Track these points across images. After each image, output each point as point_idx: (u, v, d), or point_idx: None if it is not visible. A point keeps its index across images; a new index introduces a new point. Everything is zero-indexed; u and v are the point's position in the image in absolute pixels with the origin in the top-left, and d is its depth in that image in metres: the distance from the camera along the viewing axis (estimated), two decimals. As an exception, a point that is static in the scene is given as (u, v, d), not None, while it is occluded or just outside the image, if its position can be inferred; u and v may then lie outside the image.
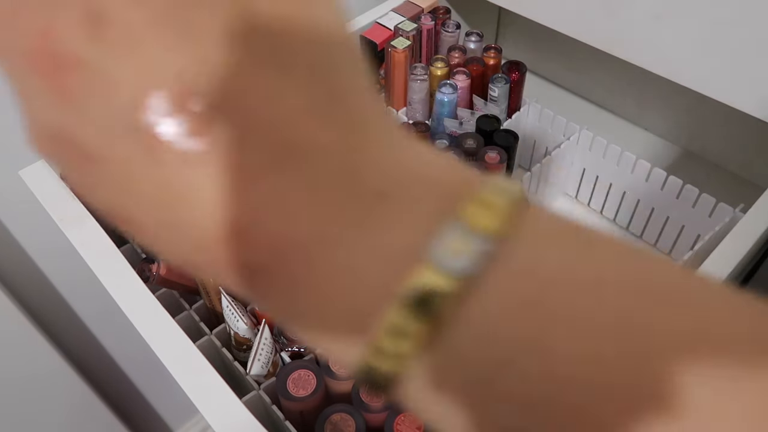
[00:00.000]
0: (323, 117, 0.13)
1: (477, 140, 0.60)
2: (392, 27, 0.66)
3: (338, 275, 0.13)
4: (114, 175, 0.13)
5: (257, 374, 0.45)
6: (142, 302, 0.41)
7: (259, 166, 0.13)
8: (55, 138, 0.14)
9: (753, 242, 0.46)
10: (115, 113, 0.13)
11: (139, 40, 0.12)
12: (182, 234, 0.14)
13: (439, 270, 0.12)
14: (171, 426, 1.09)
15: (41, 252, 0.70)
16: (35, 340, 0.72)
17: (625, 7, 0.55)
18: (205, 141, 0.13)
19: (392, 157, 0.14)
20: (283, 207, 0.13)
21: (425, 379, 0.13)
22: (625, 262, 0.13)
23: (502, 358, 0.12)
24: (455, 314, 0.12)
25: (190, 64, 0.12)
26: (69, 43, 0.12)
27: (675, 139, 0.77)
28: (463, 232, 0.12)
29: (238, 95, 0.13)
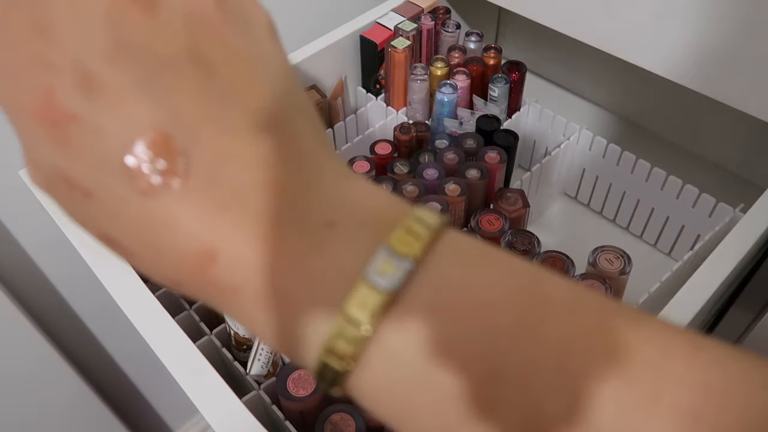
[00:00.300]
0: (281, 161, 0.16)
1: (477, 140, 0.60)
2: (392, 27, 0.66)
3: (290, 294, 0.16)
4: (105, 208, 0.16)
5: (257, 374, 0.45)
6: (142, 302, 0.41)
7: (225, 202, 0.16)
8: (52, 177, 0.16)
9: (753, 242, 0.46)
10: (105, 158, 0.15)
11: (123, 98, 0.15)
12: (163, 255, 0.16)
13: (371, 286, 0.15)
14: (171, 426, 1.09)
15: (41, 252, 0.70)
16: (35, 340, 0.72)
17: (625, 7, 0.55)
18: (178, 180, 0.15)
19: (339, 191, 0.17)
20: (244, 236, 0.16)
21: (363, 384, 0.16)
22: (517, 276, 0.17)
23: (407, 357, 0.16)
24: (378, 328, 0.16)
25: (164, 117, 0.15)
26: (66, 101, 0.15)
27: (675, 139, 0.77)
28: (389, 256, 0.16)
29: (202, 142, 0.16)
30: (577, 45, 0.62)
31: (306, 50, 0.65)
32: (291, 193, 0.16)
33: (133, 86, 0.15)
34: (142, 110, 0.15)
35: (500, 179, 0.59)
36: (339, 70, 0.69)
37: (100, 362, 0.88)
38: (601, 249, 0.51)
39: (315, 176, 0.17)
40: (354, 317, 0.15)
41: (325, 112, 0.66)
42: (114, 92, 0.15)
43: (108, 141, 0.15)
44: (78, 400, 0.82)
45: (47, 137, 0.15)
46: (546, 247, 0.52)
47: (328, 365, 0.16)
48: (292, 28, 0.73)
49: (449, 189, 0.54)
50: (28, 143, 0.16)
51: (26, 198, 0.48)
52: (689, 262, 0.55)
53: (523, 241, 0.52)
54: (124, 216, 0.16)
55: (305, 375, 0.44)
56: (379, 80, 0.70)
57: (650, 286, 0.51)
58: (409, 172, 0.58)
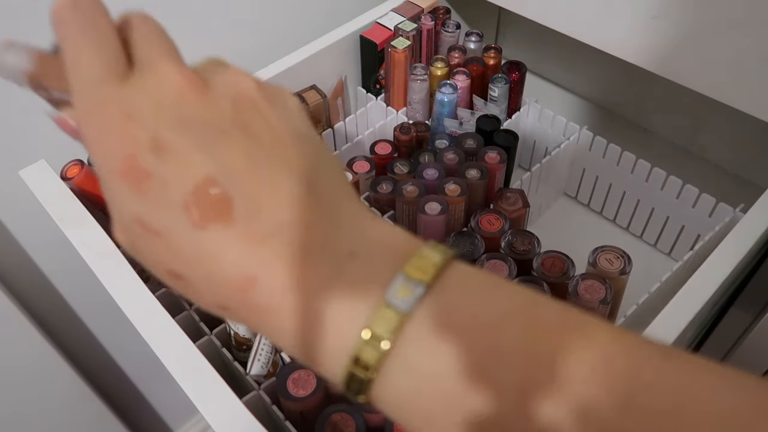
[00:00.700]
0: (310, 204, 0.20)
1: (477, 140, 0.60)
2: (392, 27, 0.66)
3: (319, 313, 0.20)
4: (170, 244, 0.20)
5: (257, 374, 0.45)
6: (142, 302, 0.41)
7: (263, 237, 0.20)
8: (131, 224, 0.21)
9: (753, 242, 0.46)
10: (170, 203, 0.20)
11: (183, 157, 0.20)
12: (214, 282, 0.20)
13: (390, 307, 0.19)
14: (171, 426, 1.09)
15: (41, 252, 0.70)
16: (35, 339, 0.72)
17: (625, 7, 0.55)
18: (224, 219, 0.20)
19: (360, 228, 0.21)
20: (280, 264, 0.20)
21: (386, 391, 0.19)
22: (514, 301, 0.20)
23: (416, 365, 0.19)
24: (396, 343, 0.19)
25: (214, 170, 0.20)
26: (143, 162, 0.20)
27: (675, 139, 0.77)
28: (405, 281, 0.19)
29: (245, 189, 0.20)
30: (577, 45, 0.62)
31: (306, 50, 0.65)
32: (318, 229, 0.20)
33: (191, 148, 0.20)
34: (197, 166, 0.20)
35: (500, 179, 0.59)
36: (339, 70, 0.69)
37: (100, 362, 0.88)
38: (601, 249, 0.51)
39: (338, 216, 0.21)
40: (377, 333, 0.19)
41: (325, 112, 0.66)
42: (177, 153, 0.20)
43: (172, 190, 0.20)
44: (78, 400, 0.82)
45: (129, 190, 0.20)
46: (546, 247, 0.52)
47: (354, 375, 0.19)
48: (292, 28, 0.73)
49: (449, 189, 0.54)
50: (116, 199, 0.21)
51: (26, 198, 0.48)
52: (689, 262, 0.55)
53: (523, 241, 0.52)
54: (184, 250, 0.20)
55: (305, 375, 0.44)
56: (379, 80, 0.70)
57: (650, 286, 0.51)
58: (409, 172, 0.58)
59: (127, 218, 0.21)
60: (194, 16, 0.64)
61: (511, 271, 0.50)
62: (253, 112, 0.22)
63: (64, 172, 0.50)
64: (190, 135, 0.20)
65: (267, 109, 0.22)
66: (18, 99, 0.58)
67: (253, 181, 0.20)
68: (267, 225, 0.20)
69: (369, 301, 0.19)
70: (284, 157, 0.21)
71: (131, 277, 0.42)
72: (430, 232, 0.54)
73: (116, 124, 0.20)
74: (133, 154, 0.20)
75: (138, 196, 0.20)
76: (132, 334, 0.40)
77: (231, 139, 0.20)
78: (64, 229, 0.45)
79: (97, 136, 0.21)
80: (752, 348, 0.63)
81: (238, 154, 0.20)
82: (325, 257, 0.20)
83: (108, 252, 0.44)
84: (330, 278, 0.20)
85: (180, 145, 0.20)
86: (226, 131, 0.21)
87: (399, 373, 0.19)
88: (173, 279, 0.21)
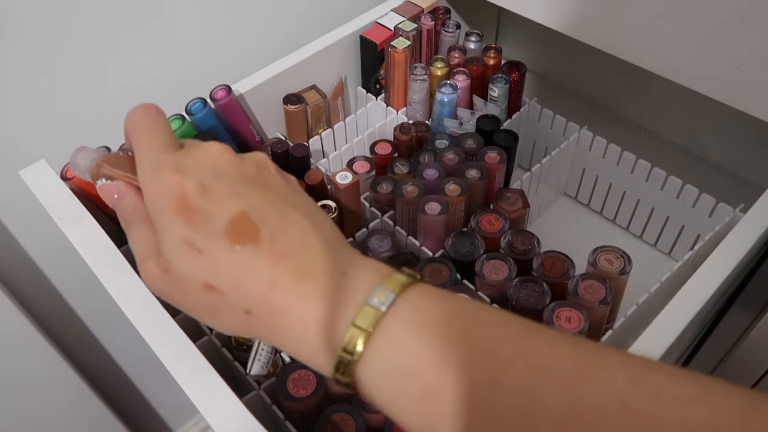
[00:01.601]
0: (318, 235, 0.28)
1: (477, 140, 0.60)
2: (392, 27, 0.66)
3: (320, 313, 0.26)
4: (210, 259, 0.27)
5: (257, 374, 0.45)
6: (142, 302, 0.41)
7: (282, 255, 0.27)
8: (181, 244, 0.28)
9: (753, 242, 0.46)
10: (214, 229, 0.27)
11: (223, 197, 0.28)
12: (243, 289, 0.27)
13: (371, 306, 0.26)
14: (171, 426, 1.09)
15: (41, 252, 0.70)
16: (35, 340, 0.72)
17: (625, 7, 0.55)
18: (256, 241, 0.27)
19: (350, 255, 0.29)
20: (295, 274, 0.27)
21: (366, 372, 0.25)
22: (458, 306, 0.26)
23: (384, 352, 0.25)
24: (374, 333, 0.25)
25: (245, 206, 0.28)
26: (193, 200, 0.28)
27: (675, 139, 0.77)
28: (383, 290, 0.26)
29: (267, 221, 0.28)
30: (577, 45, 0.62)
31: (306, 50, 0.65)
32: (321, 253, 0.28)
33: (228, 192, 0.28)
34: (234, 204, 0.28)
35: (500, 179, 0.59)
36: (339, 70, 0.69)
37: (100, 362, 0.88)
38: (601, 249, 0.51)
39: (334, 245, 0.29)
40: (360, 325, 0.25)
41: (325, 112, 0.66)
42: (218, 195, 0.28)
43: (216, 220, 0.27)
44: (78, 399, 0.82)
45: (182, 221, 0.27)
46: (546, 247, 0.52)
47: (342, 359, 0.25)
48: (292, 28, 0.73)
49: (449, 189, 0.54)
50: (169, 228, 0.28)
51: (26, 198, 0.48)
52: (689, 262, 0.55)
53: (523, 241, 0.52)
54: (221, 263, 0.27)
55: (305, 375, 0.44)
56: (379, 80, 0.70)
57: (650, 286, 0.51)
58: (409, 172, 0.58)
59: (176, 242, 0.28)
60: (194, 16, 0.65)
61: (511, 271, 0.50)
62: (269, 174, 0.30)
63: (64, 172, 0.50)
64: (227, 183, 0.28)
65: (278, 175, 0.31)
66: (18, 99, 0.58)
67: (273, 217, 0.28)
68: (284, 247, 0.27)
69: (355, 304, 0.26)
70: (294, 203, 0.29)
71: (131, 277, 0.42)
72: (430, 232, 0.54)
73: (170, 175, 0.28)
74: (184, 195, 0.28)
75: (189, 225, 0.27)
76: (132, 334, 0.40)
77: (257, 189, 0.29)
78: (64, 229, 0.45)
79: (157, 187, 0.29)
80: (752, 348, 0.63)
81: (262, 198, 0.28)
82: (325, 273, 0.27)
83: (108, 252, 0.44)
84: (328, 289, 0.27)
85: (219, 189, 0.28)
86: (253, 183, 0.29)
87: (376, 357, 0.25)
88: (207, 291, 0.27)
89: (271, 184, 0.30)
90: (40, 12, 0.55)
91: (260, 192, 0.29)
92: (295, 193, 0.30)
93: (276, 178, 0.30)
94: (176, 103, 0.57)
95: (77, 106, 0.62)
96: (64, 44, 0.58)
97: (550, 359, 0.23)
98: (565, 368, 0.23)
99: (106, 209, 0.53)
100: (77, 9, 0.56)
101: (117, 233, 0.55)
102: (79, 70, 0.60)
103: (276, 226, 0.28)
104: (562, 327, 0.45)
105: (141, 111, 0.32)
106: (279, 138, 0.64)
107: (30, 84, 0.58)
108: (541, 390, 0.22)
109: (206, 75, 0.68)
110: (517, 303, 0.48)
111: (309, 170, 0.57)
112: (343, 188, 0.54)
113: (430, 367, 0.24)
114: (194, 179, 0.28)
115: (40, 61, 0.57)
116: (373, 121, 0.70)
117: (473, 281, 0.51)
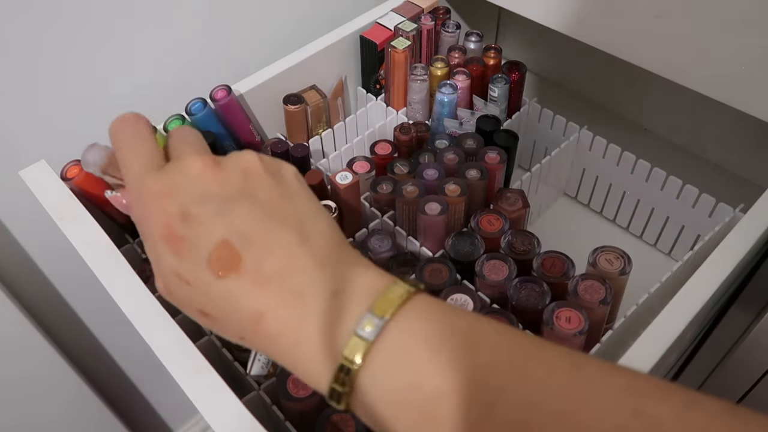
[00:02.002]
0: (304, 252, 0.27)
1: (477, 140, 0.60)
2: (392, 27, 0.66)
3: (310, 339, 0.25)
4: (199, 290, 0.27)
5: (257, 374, 0.45)
6: (142, 302, 0.41)
7: (268, 281, 0.26)
8: (170, 276, 0.27)
9: (753, 242, 0.46)
10: (198, 258, 0.26)
11: (205, 223, 0.27)
12: (234, 318, 0.27)
13: (359, 337, 0.24)
14: (171, 426, 1.09)
15: (41, 252, 0.70)
16: (35, 340, 0.72)
17: (625, 7, 0.55)
18: (238, 271, 0.26)
19: (341, 273, 0.27)
20: (282, 302, 0.26)
21: (358, 402, 0.25)
22: (455, 326, 0.25)
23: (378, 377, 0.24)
24: (363, 364, 0.24)
25: (229, 232, 0.26)
26: (176, 229, 0.27)
27: (675, 139, 0.77)
28: (371, 317, 0.25)
29: (256, 246, 0.26)
30: (577, 45, 0.62)
31: (306, 50, 0.65)
32: (309, 274, 0.26)
33: (210, 216, 0.27)
34: (215, 231, 0.26)
35: (500, 179, 0.59)
36: (339, 70, 0.69)
37: (100, 362, 0.88)
38: (601, 249, 0.51)
39: (324, 262, 0.27)
40: (349, 357, 0.24)
41: (325, 112, 0.66)
42: (200, 222, 0.27)
43: (199, 250, 0.26)
44: (78, 399, 0.82)
45: (168, 251, 0.27)
46: (546, 247, 0.52)
47: (335, 390, 0.25)
48: (292, 28, 0.73)
49: (449, 189, 0.54)
50: (159, 257, 0.27)
51: (26, 198, 0.48)
52: (689, 262, 0.55)
53: (523, 241, 0.52)
54: (210, 295, 0.27)
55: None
56: (379, 80, 0.70)
57: (650, 286, 0.51)
58: (409, 172, 0.58)
59: (167, 272, 0.27)
60: (194, 17, 0.65)
61: (511, 272, 0.50)
62: (257, 180, 0.28)
63: (64, 172, 0.50)
64: (209, 206, 0.27)
65: (267, 178, 0.29)
66: (18, 99, 0.58)
67: (258, 238, 0.26)
68: (270, 272, 0.26)
69: (346, 331, 0.25)
70: (283, 215, 0.27)
71: (131, 277, 0.42)
72: (430, 232, 0.54)
73: (154, 201, 0.27)
74: (168, 223, 0.27)
75: (175, 256, 0.27)
76: (132, 334, 0.40)
77: (241, 205, 0.27)
78: (64, 229, 0.45)
79: (141, 211, 0.28)
80: (752, 348, 0.63)
81: (246, 218, 0.27)
82: (314, 295, 0.26)
83: (108, 252, 0.44)
84: (318, 312, 0.26)
85: (201, 214, 0.27)
86: (237, 199, 0.27)
87: (368, 386, 0.24)
88: (202, 316, 0.28)
89: (259, 194, 0.28)
90: (40, 12, 0.55)
91: (245, 209, 0.27)
92: (286, 199, 0.28)
93: (264, 184, 0.28)
94: (176, 103, 0.57)
95: (77, 107, 0.62)
96: (64, 44, 0.58)
97: (546, 389, 0.22)
98: (560, 399, 0.22)
99: (107, 209, 0.53)
100: (77, 9, 0.56)
101: (117, 233, 0.55)
102: (80, 71, 0.60)
103: (261, 248, 0.26)
104: (562, 327, 0.45)
105: (121, 124, 0.30)
106: (279, 138, 0.64)
107: (30, 84, 0.58)
108: (535, 423, 0.22)
109: (206, 75, 0.68)
110: (517, 303, 0.48)
111: (309, 170, 0.57)
112: (343, 188, 0.54)
113: (424, 394, 0.23)
114: (176, 205, 0.27)
115: (39, 61, 0.57)
116: (373, 121, 0.70)
117: (473, 281, 0.51)
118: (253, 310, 0.26)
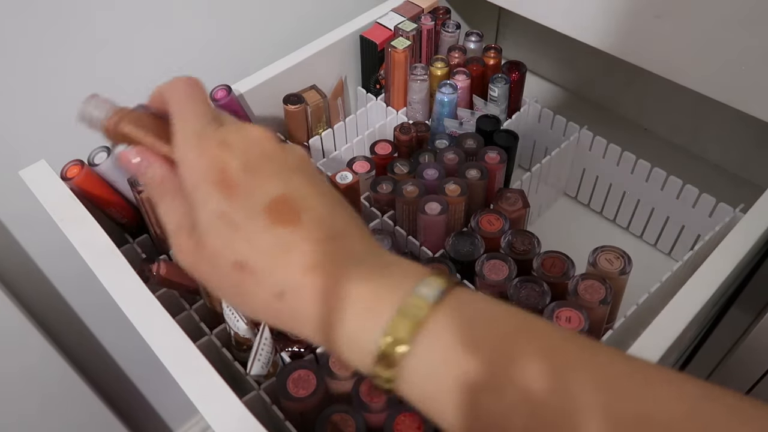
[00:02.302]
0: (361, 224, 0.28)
1: (477, 140, 0.60)
2: (392, 27, 0.66)
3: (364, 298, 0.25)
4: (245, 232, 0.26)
5: (257, 374, 0.46)
6: (142, 302, 0.41)
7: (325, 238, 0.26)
8: (216, 218, 0.27)
9: (753, 242, 0.46)
10: (253, 203, 0.26)
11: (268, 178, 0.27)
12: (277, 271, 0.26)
13: (420, 297, 0.24)
14: (171, 426, 1.09)
15: (41, 252, 0.70)
16: (35, 340, 0.72)
17: (625, 7, 0.55)
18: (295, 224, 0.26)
19: (388, 254, 0.28)
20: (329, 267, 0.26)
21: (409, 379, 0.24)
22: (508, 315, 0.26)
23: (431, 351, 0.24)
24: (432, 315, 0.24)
25: (282, 186, 0.27)
26: (234, 175, 0.27)
27: (675, 139, 0.77)
28: (430, 284, 0.25)
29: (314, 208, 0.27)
30: (577, 45, 0.62)
31: (306, 50, 0.65)
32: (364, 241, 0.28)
33: (272, 173, 0.27)
34: (276, 185, 0.27)
35: (500, 179, 0.59)
36: (339, 70, 0.69)
37: (100, 362, 0.88)
38: (601, 249, 0.51)
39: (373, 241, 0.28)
40: (399, 337, 0.24)
41: (325, 112, 0.66)
42: (262, 174, 0.27)
43: (256, 197, 0.26)
44: (78, 399, 0.82)
45: (220, 193, 0.27)
46: (546, 247, 0.52)
47: (386, 353, 0.24)
48: (292, 28, 0.73)
49: (449, 189, 0.54)
50: (204, 200, 0.27)
51: (26, 198, 0.48)
52: (689, 262, 0.55)
53: (523, 241, 0.52)
54: (257, 241, 0.26)
55: (305, 375, 0.44)
56: (379, 80, 0.70)
57: (650, 286, 0.51)
58: (409, 172, 0.58)
59: (212, 214, 0.27)
60: (194, 17, 0.65)
61: (511, 271, 0.50)
62: (311, 167, 0.30)
63: (64, 172, 0.50)
64: (270, 165, 0.28)
65: (319, 172, 0.32)
66: (18, 100, 0.58)
67: (317, 203, 0.27)
68: (327, 232, 0.26)
69: (405, 291, 0.25)
70: (337, 197, 0.29)
71: (131, 277, 0.42)
72: (430, 232, 0.54)
73: (212, 149, 0.28)
74: (225, 169, 0.27)
75: (226, 198, 0.26)
76: (132, 334, 0.40)
77: (299, 176, 0.28)
78: (64, 229, 0.45)
79: (195, 158, 0.28)
80: (752, 348, 0.63)
81: (305, 186, 0.28)
82: (369, 259, 0.27)
83: (108, 252, 0.44)
84: (373, 274, 0.26)
85: (263, 168, 0.27)
86: (295, 171, 0.28)
87: (425, 349, 0.24)
88: (237, 269, 0.26)
89: (314, 177, 0.29)
90: (40, 12, 0.55)
91: (304, 179, 0.28)
92: (335, 191, 0.29)
93: (317, 174, 0.30)
94: (176, 103, 0.57)
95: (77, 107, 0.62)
96: (64, 44, 0.58)
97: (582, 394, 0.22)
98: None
99: (107, 209, 0.53)
100: (77, 10, 0.56)
101: (117, 233, 0.55)
102: (80, 71, 0.60)
103: (319, 212, 0.27)
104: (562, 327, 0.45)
105: (185, 82, 0.30)
106: (279, 138, 0.64)
107: (30, 84, 0.58)
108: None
109: (206, 75, 0.68)
110: (517, 303, 0.48)
111: (309, 170, 0.57)
112: (343, 188, 0.54)
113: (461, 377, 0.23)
114: (238, 156, 0.27)
115: (39, 61, 0.57)
116: (373, 121, 0.70)
117: (473, 281, 0.51)
118: (302, 262, 0.25)
